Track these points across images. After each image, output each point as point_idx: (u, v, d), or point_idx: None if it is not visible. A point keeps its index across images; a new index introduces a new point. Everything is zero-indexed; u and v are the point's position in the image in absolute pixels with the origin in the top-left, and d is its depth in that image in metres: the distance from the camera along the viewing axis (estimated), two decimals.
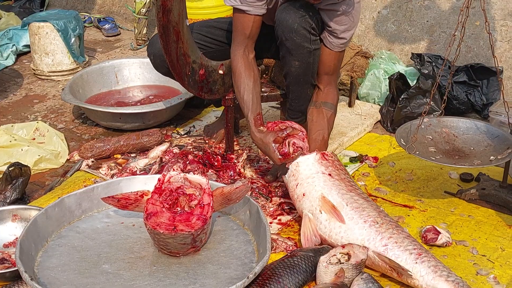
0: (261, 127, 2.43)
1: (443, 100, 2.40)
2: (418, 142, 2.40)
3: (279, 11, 2.43)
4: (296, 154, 2.31)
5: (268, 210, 2.43)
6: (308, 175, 2.22)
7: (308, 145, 2.37)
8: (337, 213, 2.10)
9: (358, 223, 2.06)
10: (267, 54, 2.76)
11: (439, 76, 2.34)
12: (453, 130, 2.51)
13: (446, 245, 2.18)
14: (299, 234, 2.20)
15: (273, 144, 2.34)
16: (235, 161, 2.75)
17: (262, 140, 2.39)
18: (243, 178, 2.63)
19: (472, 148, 2.44)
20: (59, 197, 2.26)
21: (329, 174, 2.21)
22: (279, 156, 2.33)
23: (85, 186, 2.47)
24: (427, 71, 3.15)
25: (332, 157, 2.30)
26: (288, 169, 2.29)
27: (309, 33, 2.38)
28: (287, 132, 2.34)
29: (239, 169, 2.68)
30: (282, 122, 2.42)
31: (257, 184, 2.59)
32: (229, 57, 2.59)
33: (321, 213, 2.13)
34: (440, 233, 2.18)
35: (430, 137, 2.48)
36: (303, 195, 2.20)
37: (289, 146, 2.32)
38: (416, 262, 1.94)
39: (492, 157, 2.34)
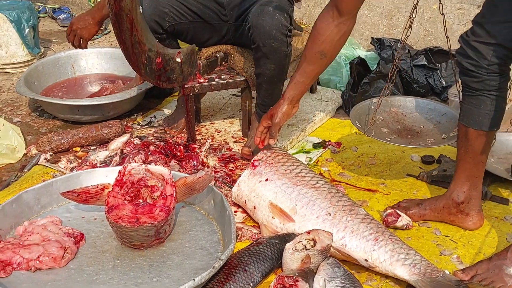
0: None
1: (391, 80, 2.33)
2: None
3: (253, 16, 2.41)
4: None
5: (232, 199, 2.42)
6: (250, 190, 2.24)
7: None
8: (286, 215, 2.11)
9: (311, 220, 2.06)
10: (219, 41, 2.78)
11: (397, 59, 2.34)
12: (401, 109, 2.51)
13: (406, 227, 2.19)
14: None
15: None
16: (198, 150, 2.71)
17: None
18: (206, 168, 2.61)
19: (422, 127, 2.46)
20: (16, 193, 2.19)
21: (266, 180, 2.21)
22: None
23: (43, 181, 2.41)
24: (386, 55, 3.17)
25: (263, 157, 2.29)
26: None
27: (286, 36, 2.40)
28: None
29: (202, 159, 2.65)
30: None
31: (221, 173, 2.57)
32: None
33: (274, 218, 2.14)
34: (400, 215, 2.19)
35: (381, 117, 2.48)
36: (254, 208, 2.22)
37: None
38: (374, 250, 1.95)
39: (444, 135, 2.36)
